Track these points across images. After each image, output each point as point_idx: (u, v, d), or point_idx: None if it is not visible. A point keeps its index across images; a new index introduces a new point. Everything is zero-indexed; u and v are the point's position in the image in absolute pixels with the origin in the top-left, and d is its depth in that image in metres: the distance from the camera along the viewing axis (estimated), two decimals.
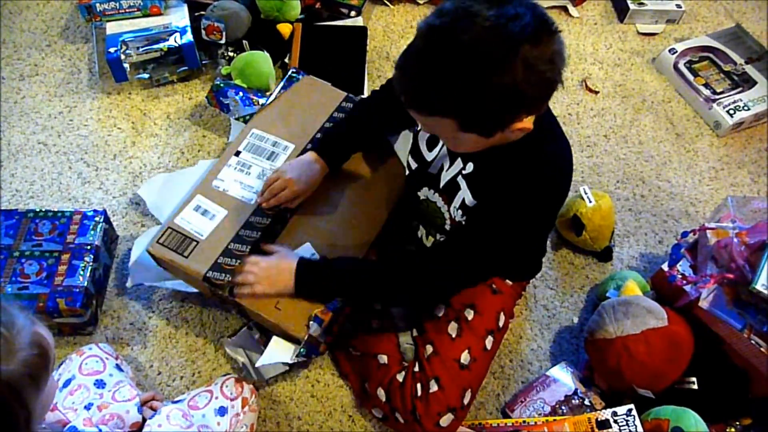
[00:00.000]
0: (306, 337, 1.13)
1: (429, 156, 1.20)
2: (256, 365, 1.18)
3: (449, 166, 1.14)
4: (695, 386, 1.22)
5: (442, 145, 1.16)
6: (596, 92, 1.86)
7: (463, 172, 1.11)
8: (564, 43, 0.90)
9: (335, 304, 1.16)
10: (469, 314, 1.25)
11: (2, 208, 1.48)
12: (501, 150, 1.01)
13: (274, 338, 1.18)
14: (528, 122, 0.94)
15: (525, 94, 0.87)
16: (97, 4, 1.69)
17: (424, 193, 1.23)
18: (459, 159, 1.12)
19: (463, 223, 1.13)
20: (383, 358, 1.25)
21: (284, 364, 1.22)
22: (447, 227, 1.21)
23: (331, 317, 1.15)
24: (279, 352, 1.16)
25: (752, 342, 1.20)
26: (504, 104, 0.89)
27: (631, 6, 2.00)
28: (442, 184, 1.17)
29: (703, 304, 1.23)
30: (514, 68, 0.84)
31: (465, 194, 1.11)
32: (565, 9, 2.04)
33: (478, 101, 0.88)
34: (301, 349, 1.14)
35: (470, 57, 0.84)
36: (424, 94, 0.90)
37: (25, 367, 0.72)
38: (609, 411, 1.21)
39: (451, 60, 0.85)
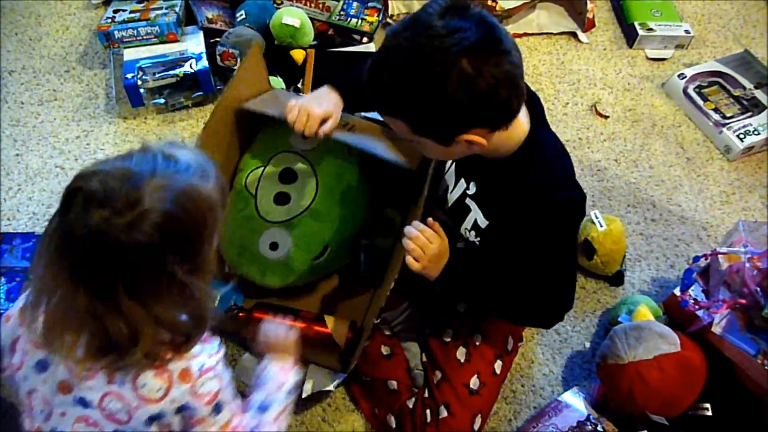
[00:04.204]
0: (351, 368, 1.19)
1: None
2: (302, 396, 1.20)
3: (453, 188, 1.15)
4: (709, 412, 1.21)
5: (449, 166, 1.17)
6: (606, 117, 1.87)
7: (468, 192, 1.11)
8: (518, 66, 0.89)
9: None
10: (477, 339, 1.25)
11: (20, 231, 1.50)
12: (496, 168, 1.01)
13: (311, 367, 1.22)
14: (480, 137, 0.93)
15: (462, 107, 0.88)
16: (116, 32, 1.73)
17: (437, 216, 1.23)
18: (462, 179, 1.12)
19: (477, 243, 1.14)
20: (393, 384, 1.25)
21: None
22: (459, 245, 1.21)
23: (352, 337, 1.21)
24: (319, 382, 1.22)
25: (766, 368, 1.19)
26: (443, 114, 0.89)
27: (640, 32, 2.01)
28: (449, 205, 1.18)
29: (716, 329, 1.23)
30: (450, 80, 0.85)
31: (476, 215, 1.11)
32: (574, 35, 2.07)
33: (418, 107, 0.90)
34: (340, 378, 1.20)
35: (410, 65, 0.87)
36: (377, 94, 0.93)
37: (216, 191, 0.79)
38: None
39: (395, 66, 0.88)
